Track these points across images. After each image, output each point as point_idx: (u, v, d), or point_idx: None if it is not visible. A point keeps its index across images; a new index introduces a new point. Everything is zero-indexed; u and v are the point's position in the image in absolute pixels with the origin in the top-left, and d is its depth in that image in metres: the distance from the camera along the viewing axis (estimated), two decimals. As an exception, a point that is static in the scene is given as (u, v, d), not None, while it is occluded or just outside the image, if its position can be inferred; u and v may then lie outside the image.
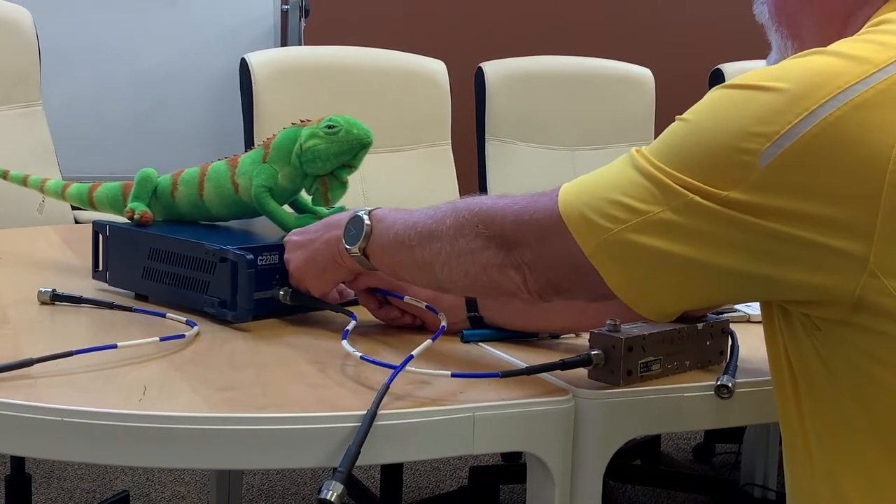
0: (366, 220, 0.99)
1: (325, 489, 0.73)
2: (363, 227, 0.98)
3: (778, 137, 0.74)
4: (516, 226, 0.87)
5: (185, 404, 0.82)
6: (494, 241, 0.88)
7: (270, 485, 2.54)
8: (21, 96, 2.14)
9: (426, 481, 2.63)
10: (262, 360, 0.96)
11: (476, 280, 0.91)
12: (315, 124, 1.18)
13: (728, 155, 0.76)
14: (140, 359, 0.93)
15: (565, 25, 3.98)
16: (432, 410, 0.83)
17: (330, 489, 0.73)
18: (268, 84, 2.18)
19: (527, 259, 0.87)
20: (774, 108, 0.75)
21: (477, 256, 0.89)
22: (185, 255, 1.12)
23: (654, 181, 0.79)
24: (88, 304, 1.13)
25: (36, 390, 0.83)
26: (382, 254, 0.98)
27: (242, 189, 1.21)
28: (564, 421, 0.87)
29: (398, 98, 2.36)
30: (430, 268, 0.93)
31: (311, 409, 0.81)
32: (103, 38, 3.12)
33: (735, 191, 0.75)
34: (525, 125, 2.59)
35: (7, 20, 2.13)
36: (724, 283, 0.80)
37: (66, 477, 2.52)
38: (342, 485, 0.74)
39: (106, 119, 3.15)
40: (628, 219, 0.79)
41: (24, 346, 0.97)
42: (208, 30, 3.23)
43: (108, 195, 1.33)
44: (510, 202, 0.88)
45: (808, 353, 0.81)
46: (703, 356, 0.97)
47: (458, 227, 0.91)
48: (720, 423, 0.96)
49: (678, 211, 0.77)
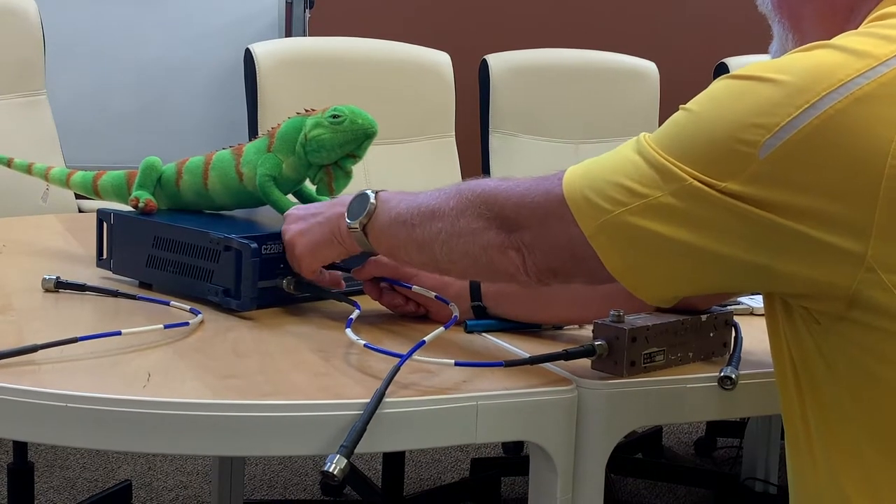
0: (371, 199, 0.99)
1: (328, 462, 0.74)
2: (367, 205, 0.98)
3: (778, 129, 0.74)
4: (518, 207, 0.87)
5: (189, 391, 0.82)
6: (496, 223, 0.89)
7: (272, 475, 2.55)
8: (25, 85, 2.14)
9: (427, 473, 2.64)
10: (266, 348, 0.96)
11: (475, 261, 0.91)
12: (320, 114, 1.18)
13: (727, 145, 0.76)
14: (144, 346, 0.93)
15: (570, 18, 3.97)
16: (436, 399, 0.83)
17: (334, 462, 0.74)
18: (272, 75, 2.18)
19: (527, 241, 0.87)
20: (775, 99, 0.75)
21: (478, 237, 0.90)
22: (189, 244, 1.12)
23: (656, 166, 0.79)
24: (92, 292, 1.13)
25: (40, 376, 0.83)
26: (381, 233, 0.98)
27: (247, 178, 1.21)
28: (567, 411, 0.87)
29: (402, 90, 2.36)
30: (429, 247, 0.93)
31: (314, 397, 0.81)
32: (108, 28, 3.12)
33: (733, 181, 0.76)
34: (529, 118, 2.59)
35: (12, 9, 2.13)
36: (722, 270, 0.80)
37: (69, 466, 2.53)
38: (346, 459, 0.74)
39: (110, 109, 3.15)
40: (629, 202, 0.80)
41: (29, 332, 0.97)
42: (213, 20, 3.23)
43: (113, 183, 1.33)
44: (513, 184, 0.89)
45: (808, 346, 0.81)
46: (707, 348, 0.97)
47: (460, 207, 0.91)
48: (723, 414, 0.96)
49: (678, 195, 0.78)
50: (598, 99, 2.68)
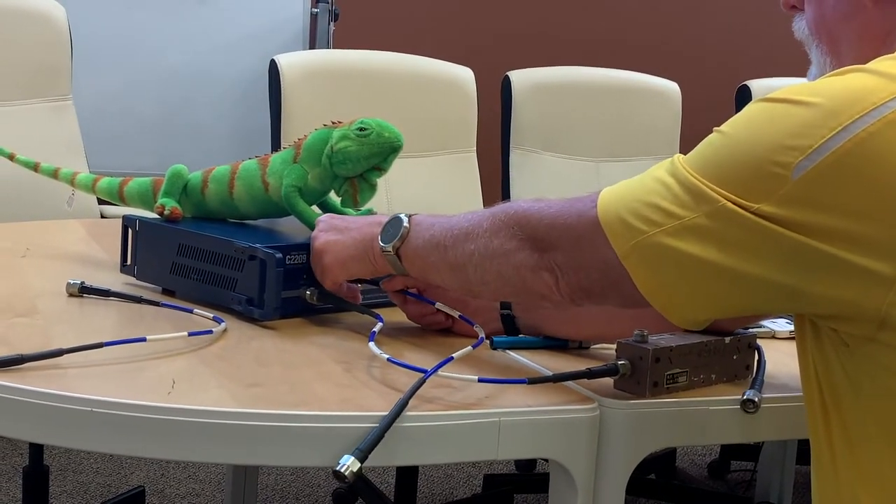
0: (404, 223, 0.99)
1: (341, 463, 0.74)
2: (400, 228, 0.99)
3: (811, 151, 0.75)
4: (551, 228, 0.88)
5: (213, 399, 0.82)
6: (529, 243, 0.89)
7: (285, 485, 2.55)
8: (52, 90, 2.16)
9: (440, 488, 2.63)
10: (289, 358, 0.97)
11: (508, 281, 0.91)
12: (346, 126, 1.18)
13: (761, 167, 0.77)
14: (168, 353, 0.94)
15: (593, 37, 3.98)
16: (459, 414, 0.83)
17: (347, 464, 0.74)
18: (296, 86, 2.19)
19: (560, 262, 0.88)
20: (809, 122, 0.76)
21: (511, 258, 0.90)
22: (214, 252, 1.13)
23: (690, 188, 0.80)
24: (116, 298, 1.14)
25: (66, 380, 0.83)
26: (415, 255, 0.98)
27: (272, 188, 1.22)
28: (589, 430, 0.87)
29: (425, 104, 2.37)
30: (462, 269, 0.94)
31: (337, 409, 0.81)
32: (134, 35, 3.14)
33: (766, 203, 0.76)
34: (550, 135, 2.59)
35: (42, 15, 2.15)
36: (752, 291, 0.80)
37: (82, 470, 2.54)
38: (359, 462, 0.74)
39: (134, 116, 3.17)
40: (663, 222, 0.80)
41: (54, 336, 0.98)
42: (238, 30, 3.25)
43: (139, 190, 1.34)
44: (546, 205, 0.89)
45: (835, 368, 0.81)
46: (730, 370, 0.97)
47: (493, 228, 0.91)
48: (745, 437, 0.95)
49: (711, 217, 0.78)
50: (619, 118, 2.68)
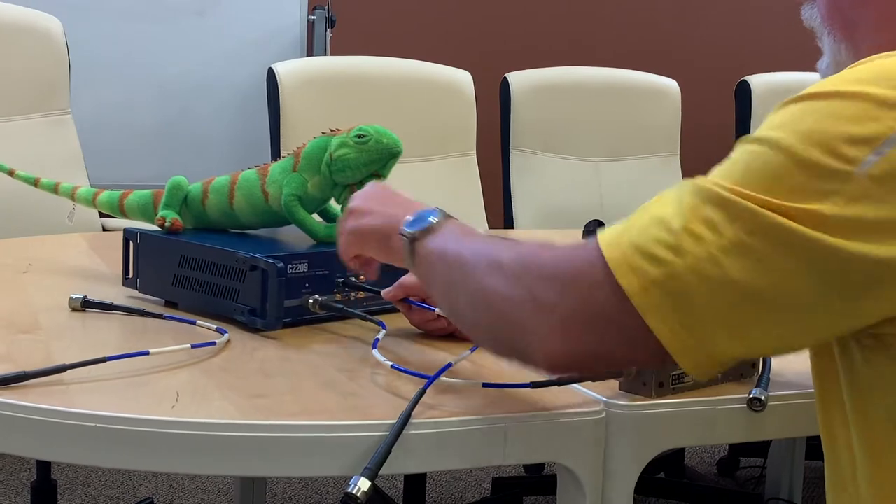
0: (433, 218, 0.90)
1: (352, 484, 0.74)
2: (426, 222, 0.90)
3: (880, 144, 0.69)
4: (554, 269, 0.77)
5: (217, 411, 0.82)
6: (529, 284, 0.78)
7: (293, 493, 2.54)
8: (51, 105, 2.16)
9: (448, 492, 2.63)
10: (293, 367, 0.96)
11: (497, 317, 0.79)
12: (345, 133, 1.18)
13: (821, 166, 0.69)
14: (172, 365, 0.93)
15: (591, 37, 3.98)
16: (464, 420, 0.83)
17: (357, 485, 0.74)
18: (295, 93, 2.19)
19: (556, 303, 0.76)
20: (868, 114, 0.70)
21: (506, 293, 0.78)
22: (215, 263, 1.12)
23: (728, 205, 0.71)
24: (119, 311, 1.14)
25: (69, 396, 0.83)
26: (424, 257, 0.89)
27: (272, 197, 1.22)
28: (595, 432, 0.87)
29: (424, 108, 2.37)
30: (454, 290, 0.84)
31: (343, 418, 0.81)
32: (132, 47, 3.15)
33: (828, 203, 0.69)
34: (550, 136, 2.59)
35: (38, 29, 2.15)
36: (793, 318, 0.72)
37: (91, 483, 2.53)
38: (370, 482, 0.74)
39: (134, 128, 3.17)
40: (691, 250, 0.71)
41: (56, 351, 0.97)
42: (235, 40, 3.26)
43: (139, 203, 1.34)
44: (552, 249, 0.79)
45: (862, 374, 0.77)
46: (736, 369, 0.97)
47: (497, 262, 0.80)
48: (752, 436, 0.95)
49: (752, 233, 0.69)
50: (619, 117, 2.68)
